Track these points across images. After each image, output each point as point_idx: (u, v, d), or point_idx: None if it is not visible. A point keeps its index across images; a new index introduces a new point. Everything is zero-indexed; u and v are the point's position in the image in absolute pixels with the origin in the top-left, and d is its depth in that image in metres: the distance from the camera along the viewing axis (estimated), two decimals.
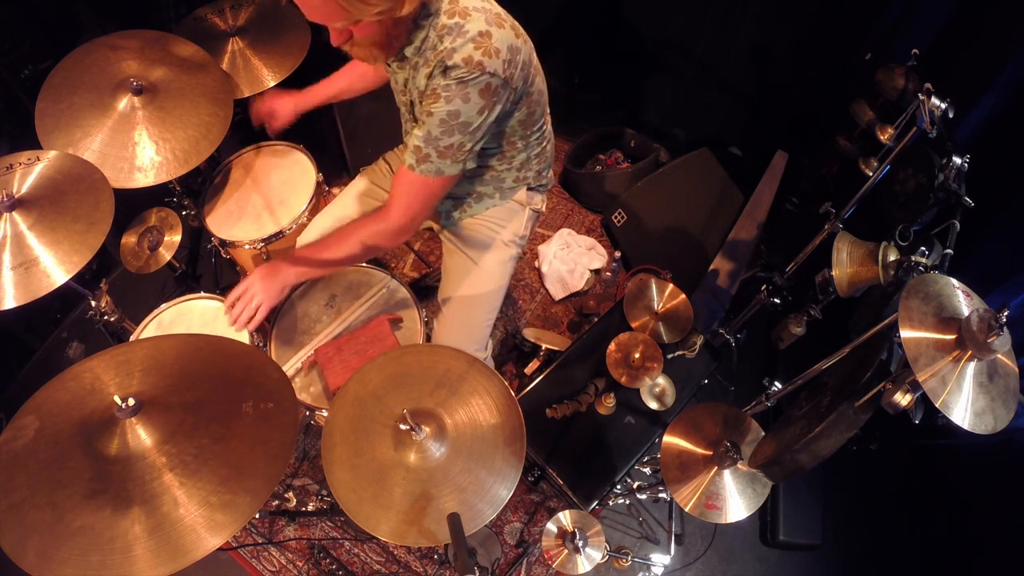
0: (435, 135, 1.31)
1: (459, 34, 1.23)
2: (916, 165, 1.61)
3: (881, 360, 1.22)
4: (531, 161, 1.62)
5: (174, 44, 1.87)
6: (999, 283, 1.89)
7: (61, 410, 1.13)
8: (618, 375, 1.82)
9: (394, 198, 1.46)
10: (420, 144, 1.34)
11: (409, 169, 1.39)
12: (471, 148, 1.35)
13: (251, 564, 2.06)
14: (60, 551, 0.99)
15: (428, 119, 1.30)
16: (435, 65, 1.25)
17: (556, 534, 1.64)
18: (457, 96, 1.25)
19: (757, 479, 1.41)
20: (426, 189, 1.42)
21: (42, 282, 1.43)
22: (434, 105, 1.27)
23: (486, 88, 1.25)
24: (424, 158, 1.36)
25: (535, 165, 1.64)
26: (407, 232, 1.52)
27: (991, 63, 1.84)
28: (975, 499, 2.20)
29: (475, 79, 1.23)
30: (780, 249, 2.60)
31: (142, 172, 1.69)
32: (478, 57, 1.22)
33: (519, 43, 1.31)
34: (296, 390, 1.60)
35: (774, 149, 2.80)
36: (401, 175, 1.43)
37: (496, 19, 1.27)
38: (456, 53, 1.22)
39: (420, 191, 1.43)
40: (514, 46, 1.28)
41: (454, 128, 1.30)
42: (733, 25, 2.49)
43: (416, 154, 1.36)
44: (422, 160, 1.36)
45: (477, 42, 1.22)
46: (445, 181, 1.41)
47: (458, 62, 1.21)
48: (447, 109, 1.26)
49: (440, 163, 1.36)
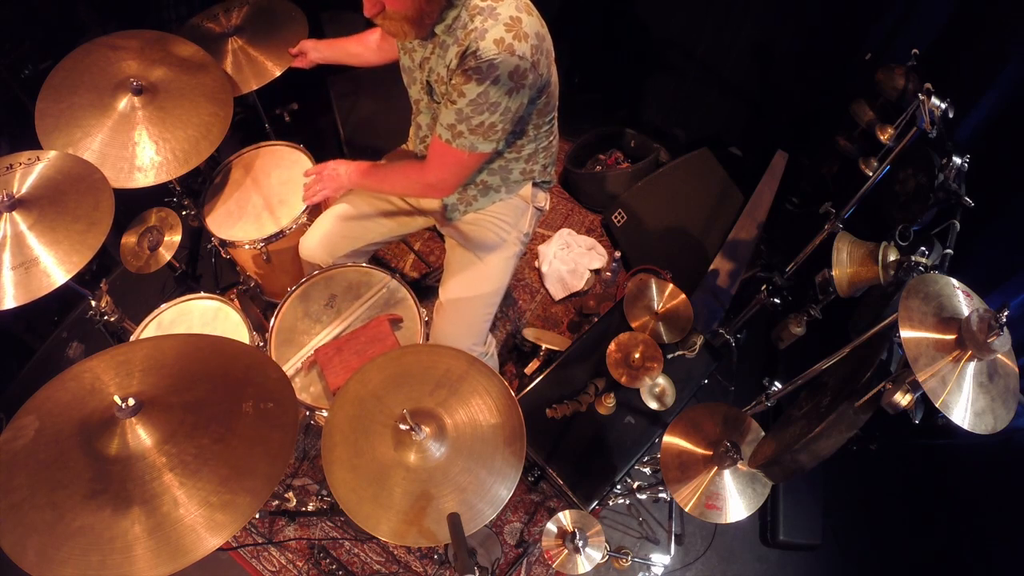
0: (467, 113, 1.35)
1: (491, 15, 1.28)
2: (916, 165, 1.61)
3: (881, 360, 1.22)
4: (538, 154, 1.64)
5: (174, 44, 1.87)
6: (999, 283, 1.89)
7: (61, 410, 1.13)
8: (618, 375, 1.82)
9: (432, 161, 1.54)
10: (453, 121, 1.39)
11: (445, 142, 1.44)
12: (502, 128, 1.40)
13: (251, 564, 2.06)
14: (60, 551, 0.98)
15: (459, 99, 1.34)
16: (467, 44, 1.30)
17: (556, 534, 1.64)
18: (487, 77, 1.29)
19: (757, 479, 1.41)
20: (459, 161, 1.48)
21: (42, 282, 1.43)
22: (465, 85, 1.31)
23: (515, 70, 1.30)
24: (458, 134, 1.41)
25: (541, 159, 1.67)
26: (439, 192, 1.63)
27: (991, 63, 1.85)
28: (975, 499, 2.20)
29: (505, 60, 1.27)
30: (780, 249, 2.60)
31: (142, 172, 1.69)
32: (509, 40, 1.27)
33: (543, 31, 1.37)
34: (296, 390, 1.60)
35: (774, 149, 2.79)
36: (435, 143, 1.48)
37: (525, 6, 1.32)
38: (488, 34, 1.27)
39: (454, 162, 1.49)
40: (540, 33, 1.34)
41: (484, 108, 1.34)
42: (734, 25, 2.49)
43: (450, 130, 1.41)
44: (456, 136, 1.41)
45: (508, 25, 1.27)
46: (479, 157, 1.47)
47: (489, 43, 1.26)
48: (478, 90, 1.31)
49: (473, 139, 1.41)
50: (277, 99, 2.26)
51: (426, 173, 1.57)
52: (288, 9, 2.10)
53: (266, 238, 1.91)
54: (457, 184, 1.60)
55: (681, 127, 2.95)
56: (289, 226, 1.93)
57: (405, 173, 1.67)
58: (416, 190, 1.71)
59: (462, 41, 1.31)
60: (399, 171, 1.69)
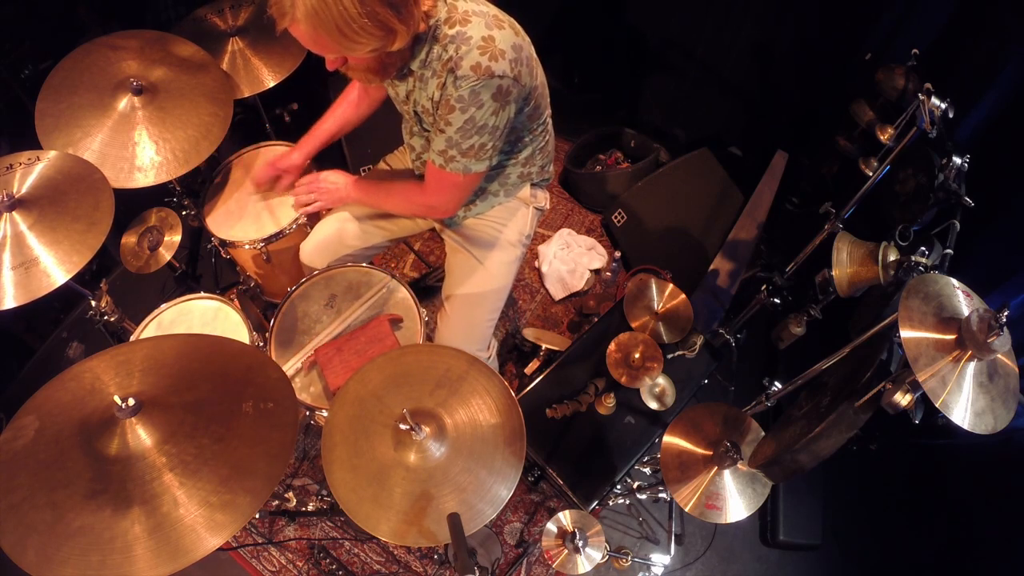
0: (456, 140, 1.36)
1: (462, 41, 1.26)
2: (916, 165, 1.61)
3: (881, 360, 1.22)
4: (535, 156, 1.63)
5: (174, 44, 1.87)
6: (999, 283, 1.89)
7: (61, 410, 1.13)
8: (618, 375, 1.82)
9: (428, 183, 1.54)
10: (444, 147, 1.40)
11: (439, 167, 1.45)
12: (493, 146, 1.40)
13: (251, 564, 2.06)
14: (60, 551, 0.98)
15: (447, 127, 1.35)
16: (446, 75, 1.29)
17: (556, 534, 1.64)
18: (471, 104, 1.29)
19: (757, 479, 1.41)
20: (456, 184, 1.48)
21: (42, 282, 1.43)
22: (451, 115, 1.32)
23: (498, 91, 1.29)
24: (450, 159, 1.41)
25: (539, 160, 1.66)
26: (441, 213, 1.64)
27: (991, 63, 1.84)
28: (975, 499, 2.20)
29: (486, 84, 1.27)
30: (780, 249, 2.60)
31: (142, 172, 1.69)
32: (486, 63, 1.25)
33: (519, 40, 1.33)
34: (296, 390, 1.60)
35: (774, 149, 2.79)
36: (430, 168, 1.49)
37: (495, 21, 1.29)
38: (464, 61, 1.25)
39: (451, 185, 1.49)
40: (516, 44, 1.31)
41: (472, 132, 1.34)
42: (734, 25, 2.49)
43: (442, 156, 1.42)
44: (449, 160, 1.42)
45: (482, 47, 1.25)
46: (475, 177, 1.47)
47: (467, 71, 1.25)
48: (463, 117, 1.31)
49: (465, 161, 1.41)
50: (277, 99, 2.26)
51: (426, 195, 1.58)
52: None
53: (266, 238, 1.91)
54: (458, 205, 1.60)
55: (681, 127, 2.95)
56: (289, 226, 1.92)
57: (406, 195, 1.67)
58: (418, 211, 1.71)
59: (440, 73, 1.31)
60: (400, 192, 1.69)
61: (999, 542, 2.06)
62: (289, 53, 2.05)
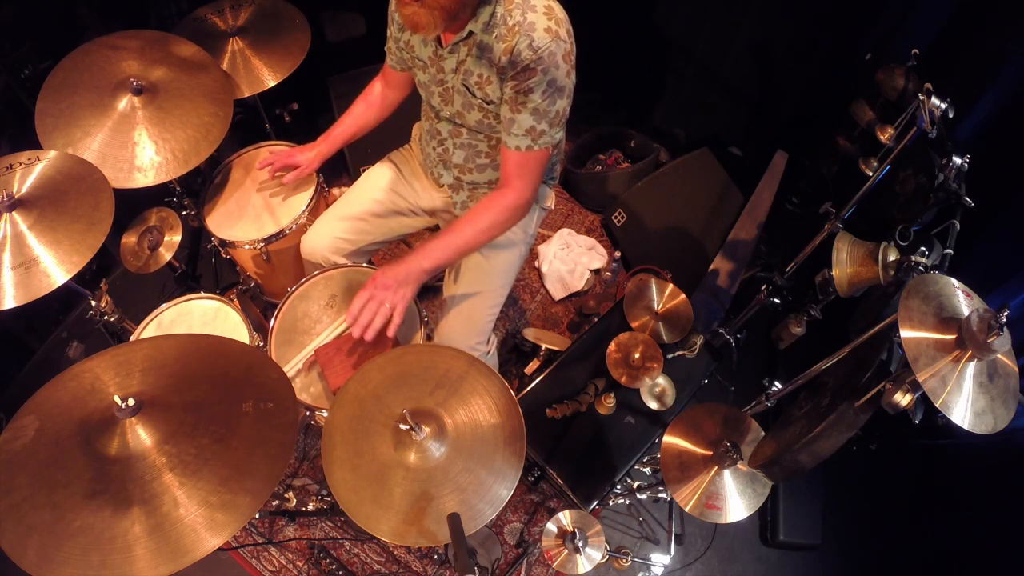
0: (543, 108, 1.40)
1: (528, 8, 1.32)
2: (916, 165, 1.61)
3: (881, 360, 1.22)
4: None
5: (174, 44, 1.87)
6: (999, 283, 1.89)
7: (61, 410, 1.13)
8: (618, 375, 1.82)
9: (514, 179, 1.53)
10: (533, 123, 1.42)
11: (526, 150, 1.46)
12: (567, 110, 1.45)
13: (251, 564, 2.06)
14: (60, 551, 0.98)
15: (528, 99, 1.38)
16: (517, 38, 1.33)
17: (556, 534, 1.64)
18: (551, 65, 1.34)
19: (757, 479, 1.41)
20: (542, 161, 1.51)
21: (42, 282, 1.43)
22: (531, 80, 1.35)
23: (566, 54, 1.36)
24: (540, 134, 1.44)
25: (553, 156, 1.66)
26: (523, 210, 1.60)
27: (991, 63, 1.85)
28: (975, 499, 2.20)
29: (559, 45, 1.33)
30: (780, 249, 2.60)
31: (142, 172, 1.69)
32: (554, 27, 1.33)
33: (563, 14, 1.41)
34: (296, 390, 1.60)
35: (774, 149, 2.80)
36: (514, 157, 1.49)
37: None
38: (537, 25, 1.31)
39: (537, 166, 1.51)
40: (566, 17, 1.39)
41: (555, 95, 1.39)
42: (733, 25, 2.49)
43: (531, 134, 1.44)
44: (539, 136, 1.44)
45: (547, 12, 1.33)
46: (550, 152, 1.51)
47: (542, 34, 1.31)
48: (546, 79, 1.35)
49: (552, 132, 1.45)
50: (277, 99, 2.26)
51: (507, 197, 1.51)
52: (292, 15, 2.10)
53: (266, 238, 1.91)
54: (536, 192, 1.57)
55: (681, 127, 2.95)
56: (289, 226, 1.92)
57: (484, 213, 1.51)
58: (501, 225, 1.54)
59: (507, 38, 1.34)
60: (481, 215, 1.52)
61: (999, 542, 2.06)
62: (289, 53, 2.04)
